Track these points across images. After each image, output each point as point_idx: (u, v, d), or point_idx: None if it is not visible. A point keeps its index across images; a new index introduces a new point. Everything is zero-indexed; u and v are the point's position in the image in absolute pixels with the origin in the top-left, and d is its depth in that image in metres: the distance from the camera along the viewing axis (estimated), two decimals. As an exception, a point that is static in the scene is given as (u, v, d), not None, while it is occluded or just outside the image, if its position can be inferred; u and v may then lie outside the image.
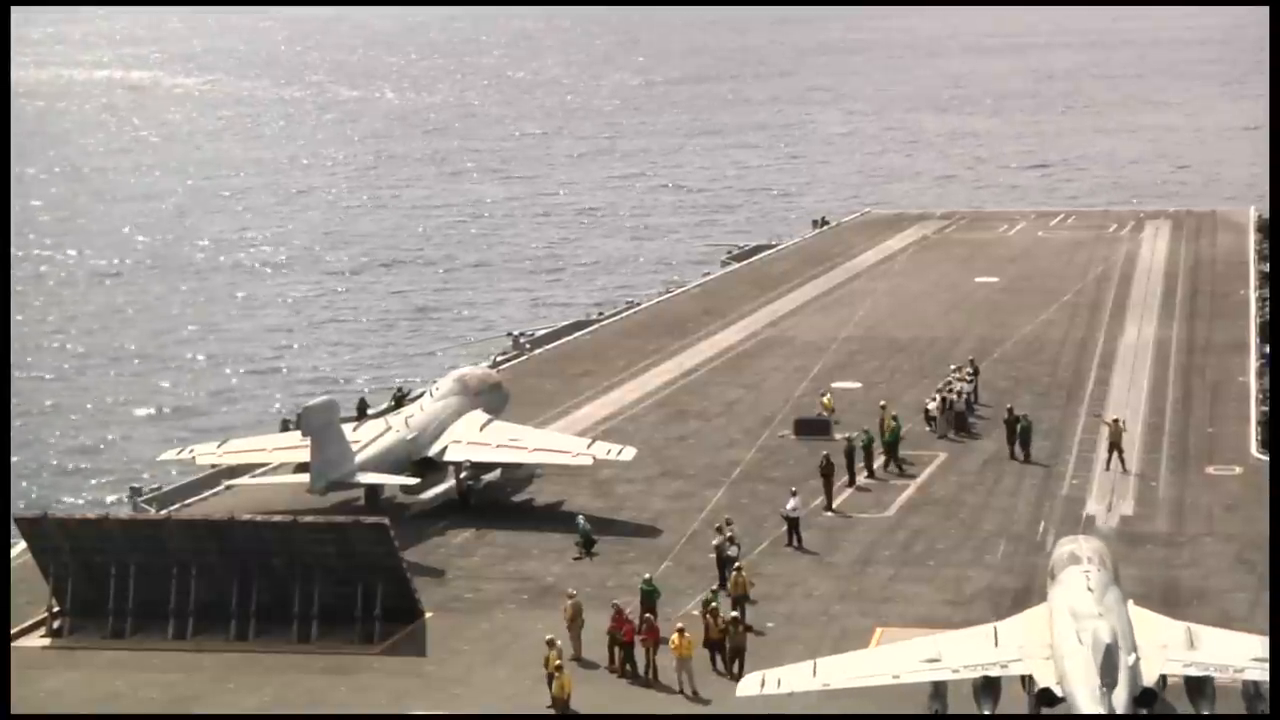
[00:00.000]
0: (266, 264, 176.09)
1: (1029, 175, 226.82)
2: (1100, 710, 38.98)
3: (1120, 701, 39.48)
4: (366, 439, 66.87)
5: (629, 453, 67.72)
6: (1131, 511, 64.82)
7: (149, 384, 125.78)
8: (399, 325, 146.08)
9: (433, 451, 67.79)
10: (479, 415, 70.16)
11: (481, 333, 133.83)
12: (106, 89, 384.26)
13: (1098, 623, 40.97)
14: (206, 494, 68.86)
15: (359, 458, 65.12)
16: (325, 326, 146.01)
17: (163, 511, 64.96)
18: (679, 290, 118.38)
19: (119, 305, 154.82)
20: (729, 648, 49.31)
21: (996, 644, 43.18)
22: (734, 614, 50.21)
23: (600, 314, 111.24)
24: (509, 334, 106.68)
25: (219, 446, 70.97)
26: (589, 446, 68.02)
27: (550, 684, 47.13)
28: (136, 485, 71.16)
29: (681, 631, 48.44)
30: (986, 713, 42.40)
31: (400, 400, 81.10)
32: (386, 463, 65.88)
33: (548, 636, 48.30)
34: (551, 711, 47.11)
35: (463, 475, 67.87)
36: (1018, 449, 71.88)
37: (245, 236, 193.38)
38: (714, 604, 50.59)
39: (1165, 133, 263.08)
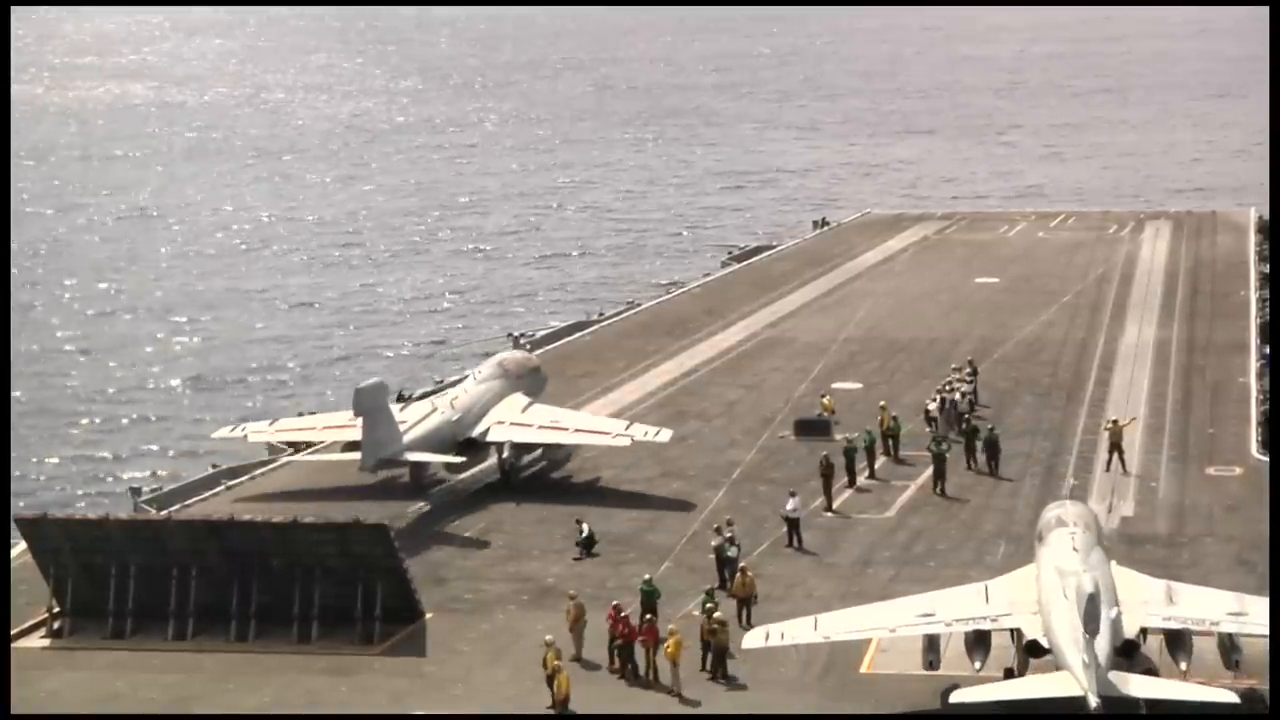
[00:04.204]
0: (267, 264, 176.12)
1: (1029, 174, 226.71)
2: (1084, 657, 41.07)
3: (1103, 650, 41.77)
4: (413, 419, 69.01)
5: (665, 434, 70.29)
6: (1132, 512, 64.89)
7: (149, 384, 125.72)
8: (400, 326, 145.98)
9: (476, 432, 70.17)
10: (520, 398, 72.58)
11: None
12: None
13: (1081, 576, 43.44)
14: (206, 494, 69.06)
15: (407, 437, 67.05)
16: (324, 326, 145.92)
17: (163, 511, 65.04)
18: (679, 290, 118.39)
19: (119, 305, 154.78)
20: (713, 647, 49.31)
21: (987, 600, 46.15)
22: (718, 615, 50.09)
23: (600, 314, 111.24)
24: (509, 334, 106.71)
25: (270, 425, 74.57)
26: (627, 428, 70.28)
27: (550, 684, 47.16)
28: (136, 485, 71.53)
29: (671, 633, 48.56)
30: (977, 665, 44.91)
31: (400, 402, 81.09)
32: (432, 442, 68.13)
33: (547, 637, 48.38)
34: (552, 712, 47.14)
35: (504, 455, 70.12)
36: (985, 463, 70.40)
37: (249, 237, 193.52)
38: (712, 604, 50.54)
39: (1165, 133, 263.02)
